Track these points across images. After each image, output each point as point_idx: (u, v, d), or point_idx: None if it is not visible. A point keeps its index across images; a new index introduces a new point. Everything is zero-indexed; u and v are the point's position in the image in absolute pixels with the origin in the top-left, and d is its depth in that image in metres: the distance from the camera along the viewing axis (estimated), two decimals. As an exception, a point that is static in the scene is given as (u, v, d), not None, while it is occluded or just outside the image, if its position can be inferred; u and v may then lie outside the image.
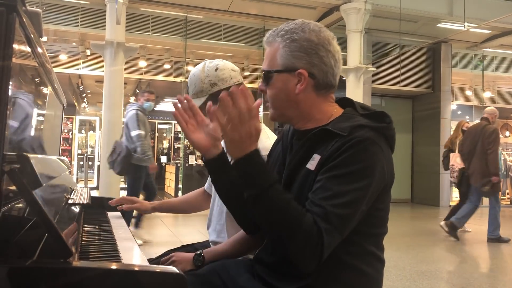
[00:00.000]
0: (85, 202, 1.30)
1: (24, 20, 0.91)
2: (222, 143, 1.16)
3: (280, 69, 1.13)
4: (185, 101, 1.21)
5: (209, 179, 1.93)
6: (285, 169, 1.20)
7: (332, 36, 1.15)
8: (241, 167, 1.03)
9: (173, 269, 0.83)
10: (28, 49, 1.07)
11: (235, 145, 1.02)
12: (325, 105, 1.17)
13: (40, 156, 1.19)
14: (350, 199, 1.00)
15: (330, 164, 1.04)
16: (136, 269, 0.82)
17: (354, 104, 1.19)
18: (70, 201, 1.31)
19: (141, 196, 5.51)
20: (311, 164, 1.09)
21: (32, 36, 1.06)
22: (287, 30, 1.13)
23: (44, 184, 0.84)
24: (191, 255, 1.50)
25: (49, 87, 1.65)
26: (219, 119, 1.02)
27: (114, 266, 0.84)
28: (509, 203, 11.72)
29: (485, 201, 11.11)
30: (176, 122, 1.20)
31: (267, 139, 1.61)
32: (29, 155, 0.80)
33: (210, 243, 1.70)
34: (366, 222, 1.08)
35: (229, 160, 1.15)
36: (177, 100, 1.22)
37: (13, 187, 0.83)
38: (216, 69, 1.63)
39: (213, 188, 1.79)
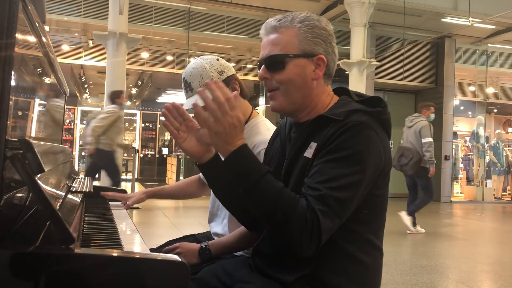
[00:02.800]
0: (87, 190, 1.30)
1: (28, 4, 0.90)
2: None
3: (299, 53, 1.13)
4: (174, 108, 1.20)
5: None
6: (285, 160, 1.20)
7: None
8: (231, 162, 1.03)
9: (175, 257, 0.83)
10: (31, 36, 1.06)
11: (221, 138, 1.03)
12: (325, 94, 1.19)
13: (42, 143, 1.19)
14: (346, 182, 1.00)
15: (326, 149, 1.05)
16: (137, 256, 0.82)
17: (349, 92, 1.21)
18: (72, 190, 1.31)
19: (138, 187, 5.60)
20: (309, 152, 1.10)
21: (36, 23, 1.06)
22: (304, 18, 1.14)
23: (46, 171, 0.84)
24: (196, 247, 1.49)
25: (52, 76, 1.64)
26: (201, 114, 1.02)
27: (116, 254, 0.83)
28: (510, 199, 11.73)
29: (486, 197, 11.12)
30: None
31: (267, 131, 1.60)
32: (31, 141, 0.80)
33: (212, 235, 1.70)
34: (364, 208, 1.08)
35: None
36: (167, 108, 1.19)
37: (16, 174, 0.83)
38: (218, 59, 1.63)
39: None
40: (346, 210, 1.03)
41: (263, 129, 1.61)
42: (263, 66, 1.15)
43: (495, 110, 15.43)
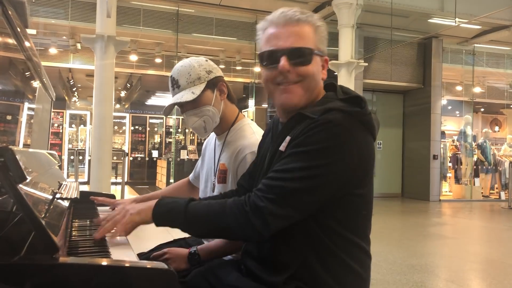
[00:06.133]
0: (73, 197, 1.27)
1: (8, 9, 0.88)
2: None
3: (318, 50, 1.13)
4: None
5: (194, 170, 1.92)
6: (267, 156, 1.22)
7: None
8: (158, 218, 1.13)
9: (163, 265, 0.82)
10: (13, 40, 1.04)
11: (137, 215, 1.15)
12: (321, 90, 1.20)
13: (26, 149, 1.17)
14: (303, 175, 1.02)
15: (293, 143, 1.08)
16: (125, 265, 0.81)
17: (336, 89, 1.20)
18: (58, 196, 1.29)
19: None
20: (283, 146, 1.12)
21: (17, 27, 1.04)
22: (313, 15, 1.15)
23: (29, 178, 0.82)
24: (185, 252, 1.47)
25: (37, 81, 1.62)
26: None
27: (103, 262, 0.82)
28: (497, 197, 11.87)
29: (474, 195, 11.23)
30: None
31: (252, 134, 1.60)
32: (14, 148, 0.78)
33: (203, 240, 1.69)
34: (344, 208, 1.09)
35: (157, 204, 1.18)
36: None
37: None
38: (206, 60, 1.64)
39: (201, 187, 1.78)
40: (300, 201, 1.04)
41: (248, 132, 1.61)
42: (284, 57, 1.10)
43: (482, 109, 15.62)
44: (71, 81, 12.35)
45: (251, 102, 11.73)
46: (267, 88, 1.17)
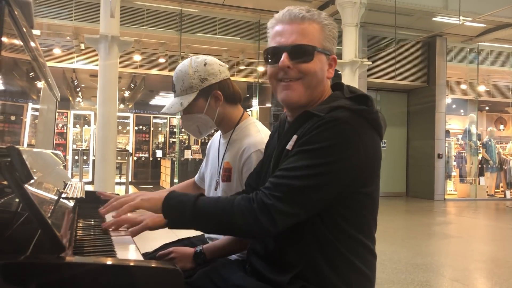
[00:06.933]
0: (79, 196, 1.28)
1: (14, 9, 0.88)
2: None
3: (322, 49, 1.13)
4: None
5: (199, 171, 1.92)
6: (273, 154, 1.22)
7: None
8: (166, 208, 1.14)
9: (169, 264, 0.82)
10: (19, 40, 1.05)
11: (147, 201, 1.18)
12: (327, 91, 1.21)
13: (32, 149, 1.17)
14: (309, 173, 1.03)
15: (300, 141, 1.08)
16: (131, 264, 0.81)
17: (343, 88, 1.20)
18: (63, 195, 1.29)
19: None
20: (290, 145, 1.13)
21: (23, 28, 1.04)
22: (320, 13, 1.15)
23: (36, 178, 0.82)
24: (191, 251, 1.47)
25: (43, 81, 1.62)
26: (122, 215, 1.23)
27: (108, 262, 0.82)
28: (503, 196, 11.82)
29: (479, 194, 11.19)
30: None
31: (257, 133, 1.59)
32: (20, 148, 0.78)
33: (207, 239, 1.69)
34: (351, 207, 1.09)
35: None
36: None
37: (4, 181, 0.81)
38: (205, 64, 1.58)
39: (206, 186, 1.78)
40: (307, 199, 1.04)
41: (253, 131, 1.61)
42: (285, 53, 1.12)
43: (487, 108, 15.53)
44: (75, 82, 12.38)
45: (255, 102, 11.72)
46: (271, 83, 1.20)
